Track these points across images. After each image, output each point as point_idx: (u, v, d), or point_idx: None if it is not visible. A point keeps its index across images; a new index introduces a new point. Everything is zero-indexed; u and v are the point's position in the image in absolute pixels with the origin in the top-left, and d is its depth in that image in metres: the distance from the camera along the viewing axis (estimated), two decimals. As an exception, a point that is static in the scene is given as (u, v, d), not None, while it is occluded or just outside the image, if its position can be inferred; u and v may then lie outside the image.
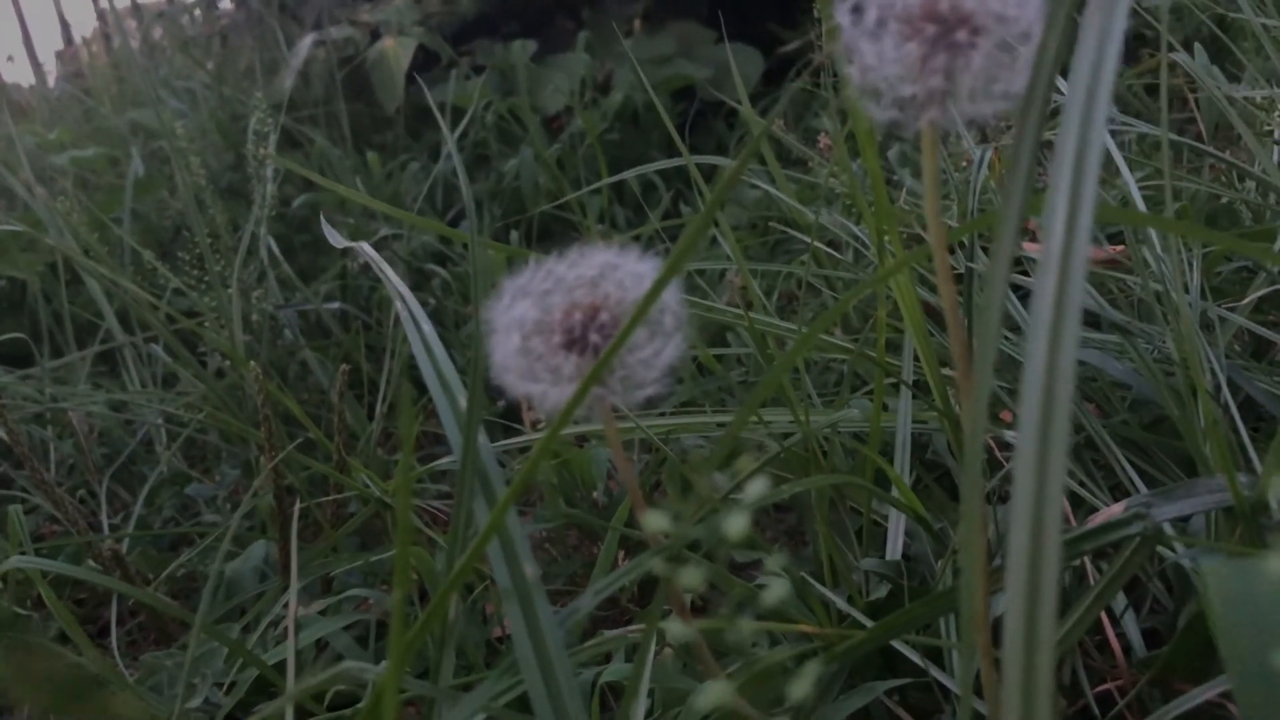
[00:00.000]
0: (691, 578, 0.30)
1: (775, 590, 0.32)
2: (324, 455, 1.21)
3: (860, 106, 0.40)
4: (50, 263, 1.90)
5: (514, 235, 1.95)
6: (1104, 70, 0.33)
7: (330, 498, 1.06)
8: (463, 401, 0.49)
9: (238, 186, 2.27)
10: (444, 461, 1.08)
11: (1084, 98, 0.33)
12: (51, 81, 3.66)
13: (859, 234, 1.09)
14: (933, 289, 0.95)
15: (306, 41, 2.62)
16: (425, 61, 2.75)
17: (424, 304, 1.67)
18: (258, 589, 1.08)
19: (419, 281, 1.74)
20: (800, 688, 0.31)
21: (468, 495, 0.42)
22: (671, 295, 0.45)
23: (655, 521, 0.30)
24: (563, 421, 0.42)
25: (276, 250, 1.56)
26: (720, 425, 1.02)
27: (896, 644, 0.68)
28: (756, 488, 0.31)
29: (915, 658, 0.67)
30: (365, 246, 0.67)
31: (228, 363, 1.48)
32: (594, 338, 0.43)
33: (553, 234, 2.05)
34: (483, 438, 0.44)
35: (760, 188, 1.35)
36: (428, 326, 0.55)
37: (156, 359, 1.60)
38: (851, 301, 0.65)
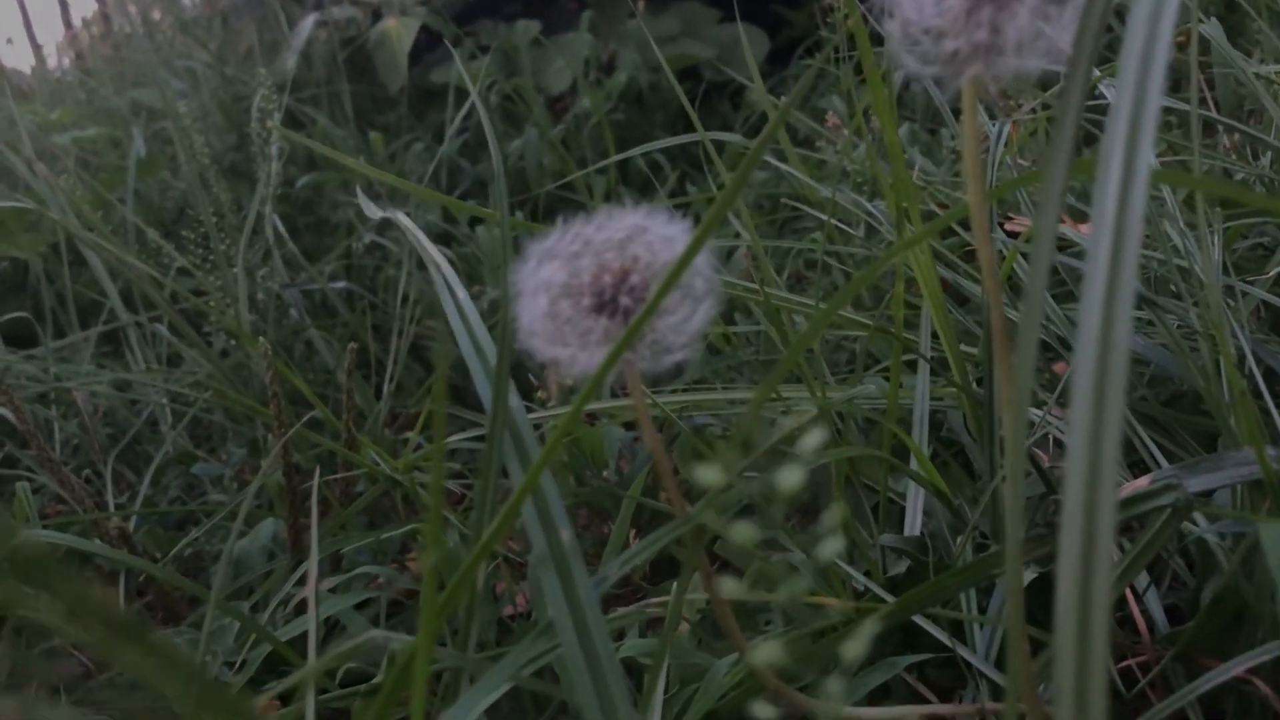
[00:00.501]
0: (746, 533, 0.29)
1: (830, 546, 0.31)
2: (332, 435, 1.20)
3: (899, 61, 0.39)
4: (53, 243, 1.88)
5: (519, 215, 1.94)
6: (1162, 22, 0.32)
7: (340, 475, 1.06)
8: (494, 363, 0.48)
9: (241, 167, 2.25)
10: (458, 438, 1.07)
11: (1141, 48, 0.32)
12: (52, 64, 3.64)
13: (873, 210, 1.08)
14: (949, 266, 0.94)
15: (308, 22, 2.60)
16: (428, 42, 2.73)
17: (431, 283, 1.67)
18: (266, 568, 1.08)
19: (424, 262, 1.73)
20: (854, 647, 0.30)
21: (497, 453, 0.41)
22: (702, 259, 0.44)
23: (707, 475, 0.29)
24: (594, 385, 0.41)
25: (282, 229, 1.55)
26: (732, 403, 1.01)
27: (918, 619, 0.67)
28: (814, 439, 0.31)
29: (937, 633, 0.66)
30: (400, 215, 0.65)
31: (233, 343, 1.47)
32: (624, 301, 0.42)
33: (558, 214, 2.03)
34: (514, 399, 0.43)
35: (772, 164, 1.34)
36: (462, 293, 0.54)
37: (161, 339, 1.59)
38: (873, 275, 0.64)
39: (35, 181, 1.63)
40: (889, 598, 0.68)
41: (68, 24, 4.28)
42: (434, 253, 0.59)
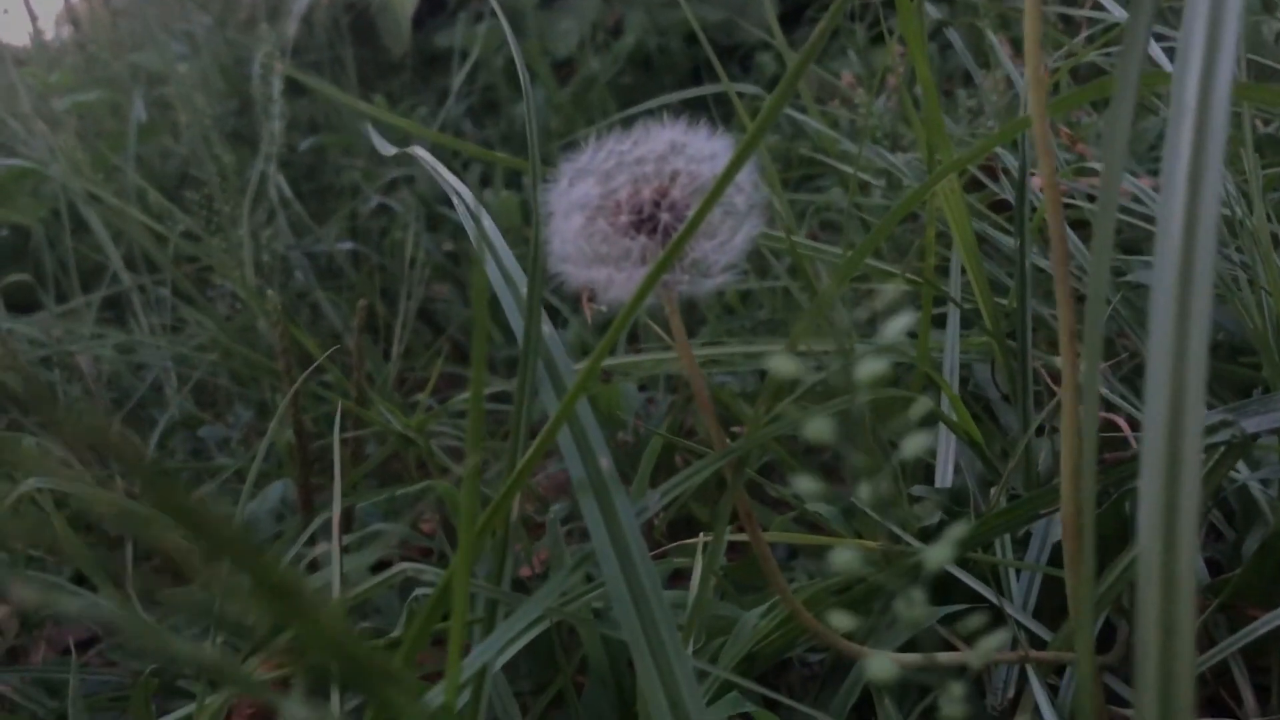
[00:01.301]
0: (821, 428, 0.27)
1: (914, 442, 0.29)
2: (341, 395, 1.18)
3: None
4: (54, 209, 1.86)
5: (524, 179, 1.91)
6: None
7: (350, 434, 1.03)
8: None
9: (243, 132, 2.22)
10: (466, 397, 1.05)
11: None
12: (49, 36, 3.60)
13: (895, 163, 1.06)
14: (979, 217, 0.91)
15: (309, -14, 2.56)
16: (430, 8, 2.69)
17: (439, 245, 1.64)
18: (276, 529, 1.06)
19: (433, 223, 1.70)
20: (940, 552, 0.28)
21: (531, 378, 0.39)
22: (746, 175, 0.41)
23: (783, 365, 0.27)
24: (632, 309, 0.39)
25: (287, 190, 1.52)
26: (748, 357, 0.99)
27: (952, 569, 0.65)
28: (899, 324, 0.28)
29: (973, 583, 0.64)
30: (417, 149, 0.63)
31: (238, 306, 1.45)
32: (665, 217, 0.40)
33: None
34: (547, 327, 0.41)
35: (785, 125, 1.31)
36: (488, 221, 0.52)
37: (165, 304, 1.56)
38: (909, 207, 0.62)
39: (35, 143, 1.60)
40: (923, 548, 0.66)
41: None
42: (453, 180, 0.57)
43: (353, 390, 1.04)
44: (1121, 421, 0.72)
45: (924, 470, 0.84)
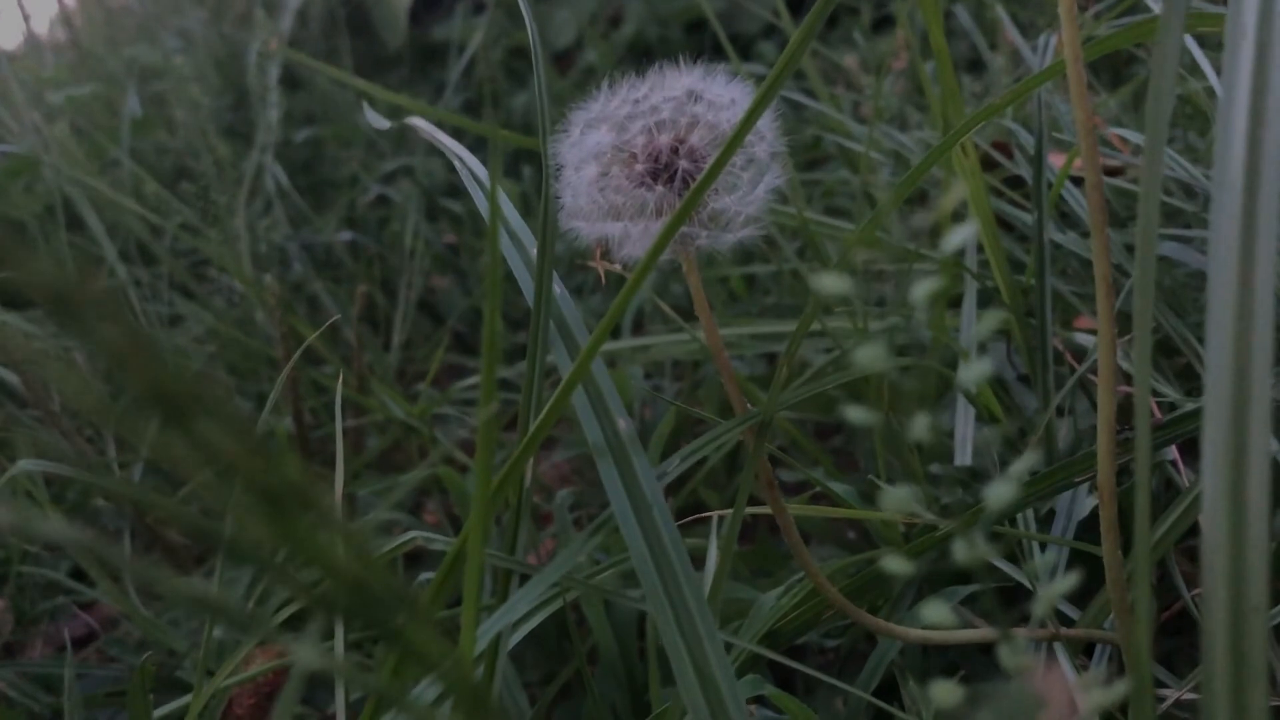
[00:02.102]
0: (875, 356, 0.25)
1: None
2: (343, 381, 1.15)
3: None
4: (48, 205, 1.83)
5: (526, 170, 1.89)
6: None
7: (351, 423, 1.01)
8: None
9: (238, 128, 2.20)
10: (472, 381, 1.03)
11: None
12: (44, 35, 3.57)
13: (906, 143, 1.03)
14: (995, 193, 0.89)
15: (305, -20, 2.54)
16: (427, 2, 2.67)
17: (440, 234, 1.62)
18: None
19: (432, 214, 1.68)
20: (1002, 489, 0.26)
21: (544, 337, 0.37)
22: (766, 122, 0.39)
23: (830, 284, 0.25)
24: (650, 261, 0.37)
25: (284, 180, 1.50)
26: (755, 338, 0.96)
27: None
28: (963, 233, 0.26)
29: (997, 561, 0.62)
30: (417, 120, 0.61)
31: (235, 299, 1.43)
32: (683, 164, 0.37)
33: (566, 170, 1.98)
34: (559, 287, 0.39)
35: (794, 101, 1.28)
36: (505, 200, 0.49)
37: (160, 297, 1.54)
38: (925, 170, 0.60)
39: (30, 136, 1.58)
40: (942, 524, 0.64)
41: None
42: (455, 146, 0.55)
43: (353, 378, 1.02)
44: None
45: (943, 452, 0.82)
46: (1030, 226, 0.83)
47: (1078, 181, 0.95)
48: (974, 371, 0.25)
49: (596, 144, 0.38)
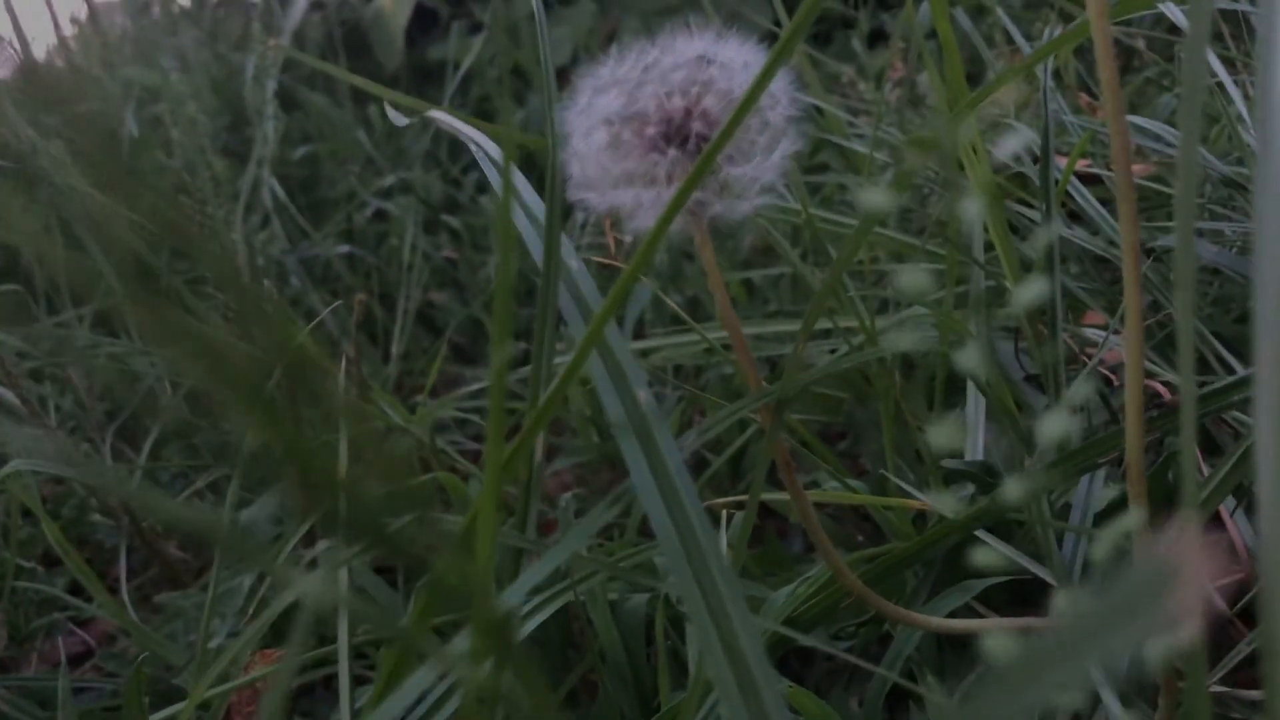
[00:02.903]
0: (917, 281, 0.24)
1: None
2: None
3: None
4: (45, 224, 1.83)
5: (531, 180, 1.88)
6: None
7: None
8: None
9: (235, 149, 2.20)
10: (473, 387, 1.02)
11: None
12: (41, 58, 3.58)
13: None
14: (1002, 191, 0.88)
15: (301, 2, 2.54)
16: (423, 24, 2.68)
17: (438, 248, 1.61)
18: (275, 532, 1.03)
19: (431, 228, 1.67)
20: (1049, 431, 0.24)
21: (553, 304, 0.36)
22: (782, 86, 0.38)
23: (874, 198, 0.24)
24: (663, 227, 0.36)
25: (282, 193, 1.50)
26: (758, 339, 0.95)
27: (990, 540, 0.62)
28: (1015, 140, 0.25)
29: (1015, 554, 0.61)
30: (435, 111, 0.60)
31: (231, 313, 1.42)
32: (697, 126, 0.36)
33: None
34: (574, 262, 0.37)
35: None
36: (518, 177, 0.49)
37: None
38: (935, 142, 0.59)
39: (28, 155, 1.57)
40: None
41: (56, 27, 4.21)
42: (472, 132, 0.54)
43: (352, 388, 1.01)
44: (1159, 387, 0.69)
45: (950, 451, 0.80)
46: (1036, 225, 0.82)
47: (1083, 179, 0.95)
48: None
49: (606, 109, 0.37)
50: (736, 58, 0.38)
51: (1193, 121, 0.32)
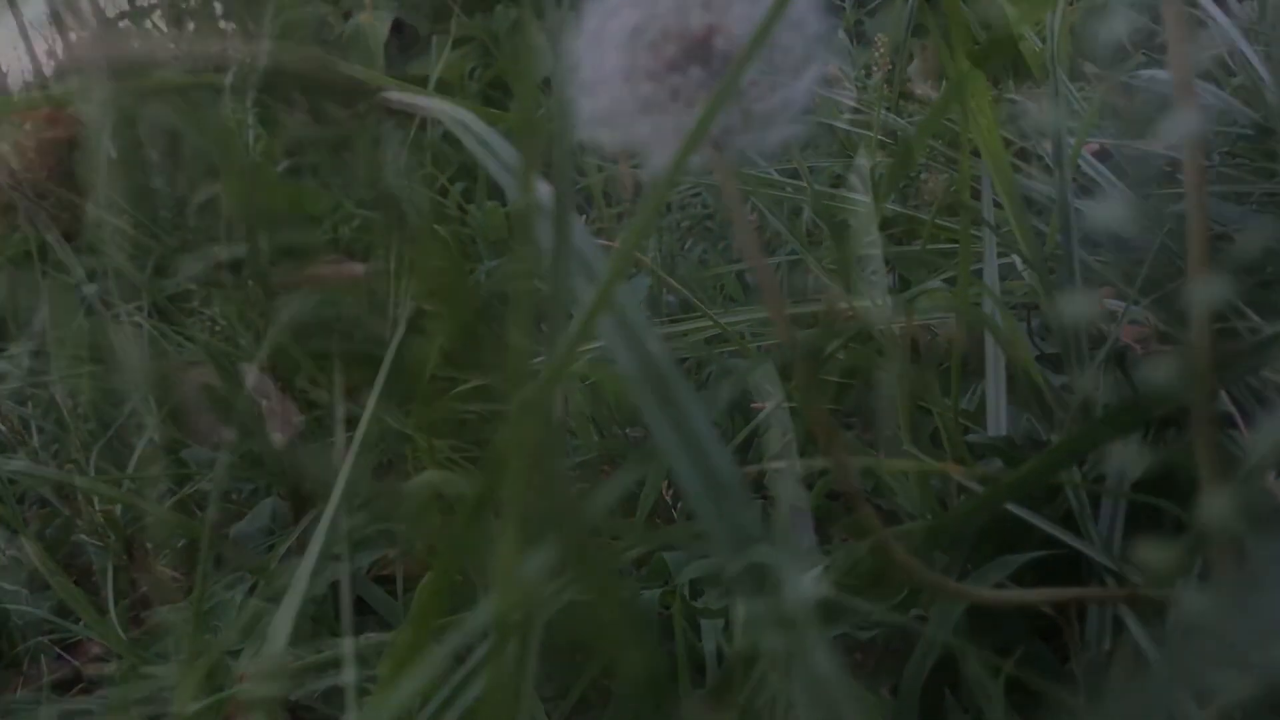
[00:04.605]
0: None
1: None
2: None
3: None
4: (25, 250, 1.79)
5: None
6: None
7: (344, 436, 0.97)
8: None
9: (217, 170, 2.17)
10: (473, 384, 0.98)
11: None
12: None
13: (906, 127, 1.01)
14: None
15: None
16: (402, 42, 2.67)
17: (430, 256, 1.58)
18: (267, 542, 0.99)
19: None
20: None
21: (565, 267, 0.33)
22: (807, 5, 0.36)
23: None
24: (684, 155, 0.33)
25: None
26: (761, 324, 0.92)
27: (1024, 515, 0.59)
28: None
29: (1050, 527, 0.58)
30: (434, 101, 0.57)
31: (217, 327, 1.38)
32: (720, 43, 0.34)
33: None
34: (581, 236, 0.34)
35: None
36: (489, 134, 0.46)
37: (141, 328, 1.49)
38: (929, 132, 0.56)
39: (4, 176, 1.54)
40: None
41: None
42: (450, 109, 0.51)
43: (345, 393, 0.98)
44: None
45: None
46: (1048, 199, 0.80)
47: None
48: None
49: (620, 29, 0.34)
50: (759, -29, 0.35)
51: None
